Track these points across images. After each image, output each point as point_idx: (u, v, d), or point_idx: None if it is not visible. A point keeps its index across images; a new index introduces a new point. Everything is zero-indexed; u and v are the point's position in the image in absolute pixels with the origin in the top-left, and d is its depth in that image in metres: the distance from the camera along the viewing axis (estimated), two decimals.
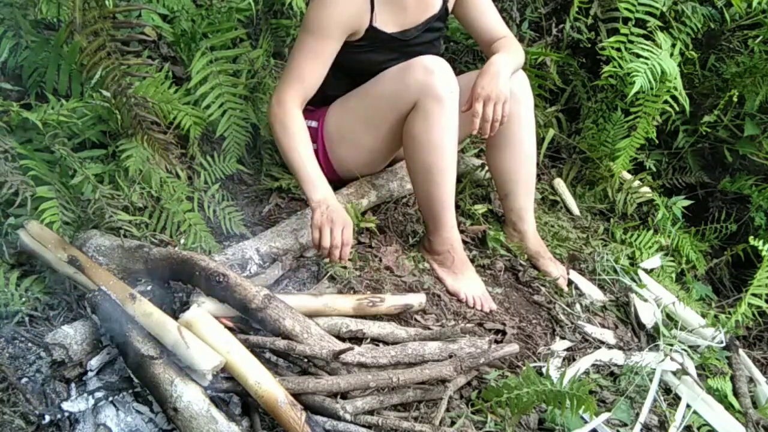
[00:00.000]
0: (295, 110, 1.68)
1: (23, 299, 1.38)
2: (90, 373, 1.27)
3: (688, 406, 1.58)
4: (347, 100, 1.80)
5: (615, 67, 2.23)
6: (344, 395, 1.28)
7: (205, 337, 1.20)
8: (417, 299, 1.61)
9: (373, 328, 1.51)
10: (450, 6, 1.84)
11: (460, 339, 1.49)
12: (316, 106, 1.85)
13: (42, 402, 1.23)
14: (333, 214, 1.60)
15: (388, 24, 1.73)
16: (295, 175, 1.67)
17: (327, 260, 1.62)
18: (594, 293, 1.95)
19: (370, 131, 1.77)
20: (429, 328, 1.59)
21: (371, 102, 1.75)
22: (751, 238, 1.91)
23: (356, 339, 1.51)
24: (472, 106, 1.68)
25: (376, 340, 1.51)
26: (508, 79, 1.70)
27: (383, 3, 1.70)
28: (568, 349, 1.71)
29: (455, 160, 1.71)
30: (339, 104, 1.81)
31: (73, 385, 1.26)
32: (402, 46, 1.76)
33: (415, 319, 1.64)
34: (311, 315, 1.46)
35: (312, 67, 1.68)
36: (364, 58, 1.75)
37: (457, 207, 2.08)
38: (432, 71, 1.62)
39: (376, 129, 1.76)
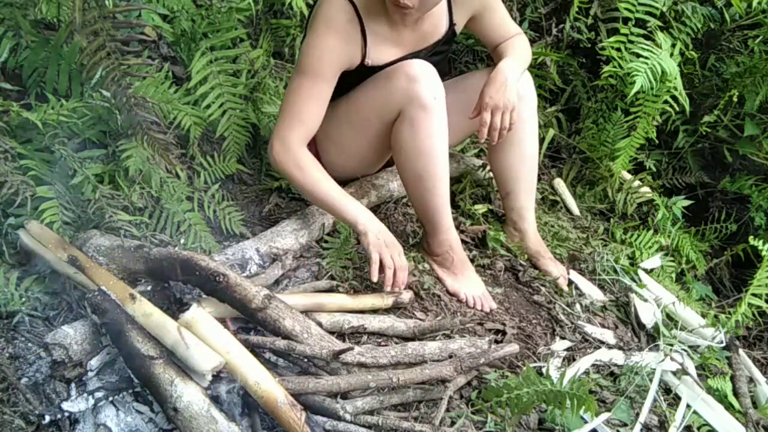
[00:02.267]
0: (303, 150, 1.63)
1: (23, 299, 1.38)
2: (90, 373, 1.27)
3: (688, 406, 1.58)
4: (335, 106, 1.77)
5: (615, 67, 2.23)
6: (344, 395, 1.28)
7: (204, 338, 1.20)
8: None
9: (373, 322, 1.53)
10: (458, 28, 1.79)
11: (460, 339, 1.49)
12: None
13: (42, 402, 1.23)
14: (387, 238, 1.59)
15: (383, 56, 1.69)
16: (331, 207, 1.63)
17: (387, 288, 1.58)
18: (594, 293, 1.95)
19: (358, 137, 1.77)
20: None
21: (357, 109, 1.73)
22: (751, 238, 1.91)
23: (358, 333, 1.51)
24: (480, 116, 1.67)
25: (377, 334, 1.52)
26: (515, 85, 1.70)
27: (376, 39, 1.66)
28: (568, 349, 1.71)
29: (447, 165, 1.68)
30: (328, 110, 1.80)
31: (73, 385, 1.26)
32: None
33: (414, 316, 1.64)
34: (314, 310, 1.48)
35: (311, 108, 1.63)
36: (353, 81, 1.72)
37: (457, 207, 2.09)
38: (416, 78, 1.59)
39: (363, 135, 1.75)
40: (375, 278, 1.56)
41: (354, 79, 1.71)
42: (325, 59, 1.61)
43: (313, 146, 1.85)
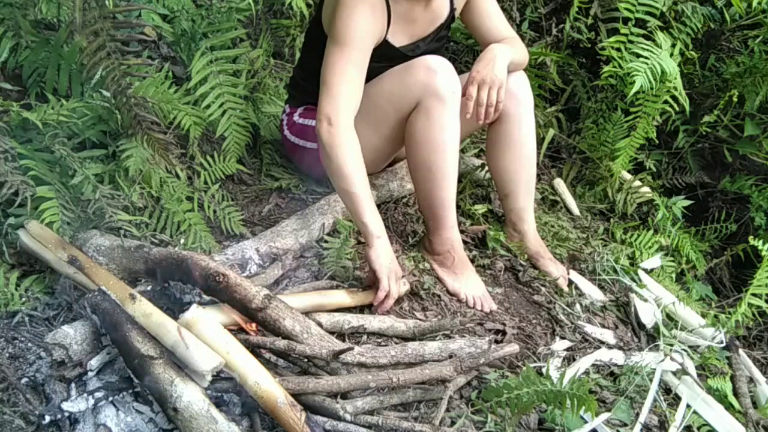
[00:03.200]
0: (351, 129, 1.58)
1: (23, 299, 1.38)
2: (90, 373, 1.27)
3: (688, 406, 1.58)
4: None
5: (615, 67, 2.23)
6: (344, 395, 1.28)
7: (204, 338, 1.20)
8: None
9: (373, 323, 1.53)
10: (457, 13, 1.83)
11: (460, 339, 1.49)
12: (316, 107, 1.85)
13: (42, 402, 1.23)
14: (395, 265, 1.60)
15: (398, 37, 1.73)
16: (355, 202, 1.57)
17: (377, 312, 1.58)
18: (594, 293, 1.95)
19: (372, 131, 1.77)
20: None
21: (373, 102, 1.74)
22: (751, 238, 1.91)
23: (359, 334, 1.51)
24: (466, 90, 1.68)
25: (376, 334, 1.53)
26: (505, 65, 1.70)
27: (397, 17, 1.70)
28: (568, 349, 1.71)
29: (457, 160, 1.71)
30: None
31: (73, 385, 1.26)
32: (407, 59, 1.74)
33: (414, 316, 1.64)
34: (312, 310, 1.48)
35: (353, 77, 1.60)
36: (370, 66, 1.72)
37: (457, 207, 2.08)
38: (434, 71, 1.63)
39: (377, 129, 1.76)
40: (378, 302, 1.56)
41: (373, 61, 1.69)
42: (361, 28, 1.61)
43: None
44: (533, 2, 2.59)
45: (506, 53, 1.72)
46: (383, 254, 1.57)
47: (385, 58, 1.72)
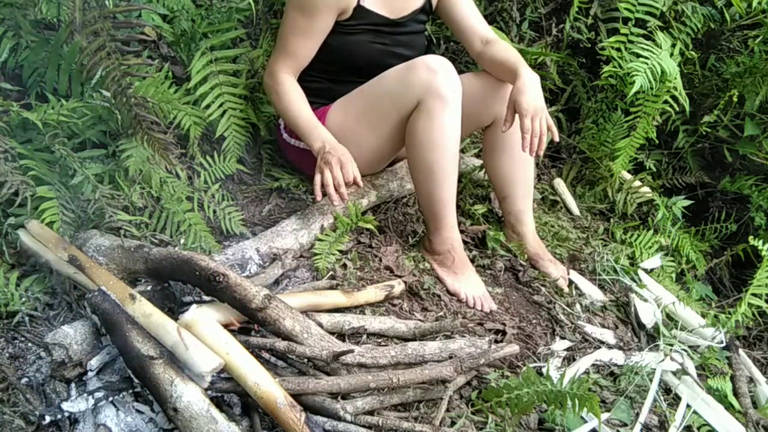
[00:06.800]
0: (286, 77, 1.76)
1: (23, 299, 1.38)
2: (90, 373, 1.27)
3: (688, 406, 1.58)
4: (349, 100, 1.80)
5: (615, 67, 2.23)
6: (344, 395, 1.28)
7: (204, 339, 1.20)
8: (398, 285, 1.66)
9: (374, 323, 1.53)
10: (434, 1, 1.86)
11: (460, 339, 1.49)
12: (315, 107, 1.85)
13: (42, 402, 1.23)
14: (328, 155, 1.64)
15: (375, 6, 1.75)
16: (297, 132, 1.76)
17: (335, 203, 1.64)
18: (594, 293, 1.95)
19: (373, 131, 1.77)
20: None
21: (374, 101, 1.75)
22: (751, 238, 1.91)
23: (359, 334, 1.51)
24: (522, 124, 1.65)
25: (377, 335, 1.52)
26: (540, 89, 1.69)
27: None
28: (568, 349, 1.71)
29: (457, 159, 1.71)
30: (340, 104, 1.81)
31: (73, 385, 1.26)
32: (391, 32, 1.79)
33: (414, 316, 1.64)
34: (309, 310, 1.48)
35: (301, 43, 1.74)
36: (354, 39, 1.76)
37: (457, 207, 2.08)
38: (435, 71, 1.63)
39: (378, 128, 1.76)
40: (319, 198, 1.63)
41: (352, 29, 1.75)
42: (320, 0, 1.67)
43: None
44: (533, 2, 2.58)
45: (534, 75, 1.70)
46: (318, 157, 1.65)
47: (366, 24, 1.75)
